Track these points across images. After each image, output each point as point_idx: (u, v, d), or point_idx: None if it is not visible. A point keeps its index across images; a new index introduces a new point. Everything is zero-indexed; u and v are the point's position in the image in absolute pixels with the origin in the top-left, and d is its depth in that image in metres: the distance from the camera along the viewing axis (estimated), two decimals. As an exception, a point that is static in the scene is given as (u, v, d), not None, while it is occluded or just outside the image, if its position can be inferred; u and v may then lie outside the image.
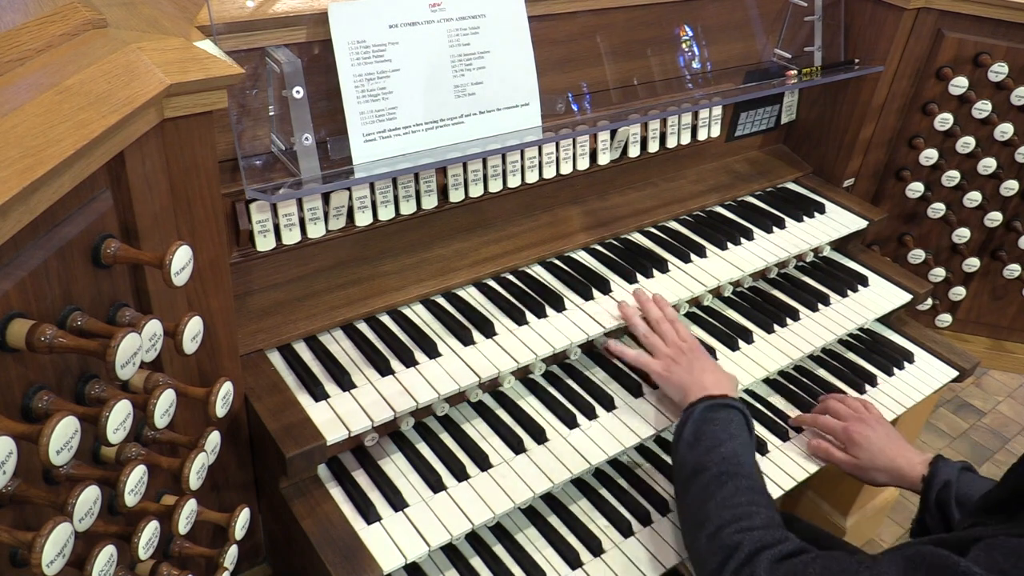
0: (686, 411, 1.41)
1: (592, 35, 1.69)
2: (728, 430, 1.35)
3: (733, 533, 1.19)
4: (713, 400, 1.40)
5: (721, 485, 1.27)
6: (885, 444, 1.54)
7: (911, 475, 1.49)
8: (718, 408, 1.39)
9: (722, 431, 1.35)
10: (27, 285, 0.83)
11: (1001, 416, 3.55)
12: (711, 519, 1.23)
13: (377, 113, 1.37)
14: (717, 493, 1.26)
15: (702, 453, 1.32)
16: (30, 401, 0.86)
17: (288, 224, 1.40)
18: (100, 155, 0.90)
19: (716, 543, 1.19)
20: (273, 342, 1.41)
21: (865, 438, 1.55)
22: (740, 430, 1.37)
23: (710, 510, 1.24)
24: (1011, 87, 2.01)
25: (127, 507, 0.89)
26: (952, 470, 1.44)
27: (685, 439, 1.36)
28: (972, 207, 2.15)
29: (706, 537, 1.22)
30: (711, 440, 1.34)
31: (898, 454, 1.52)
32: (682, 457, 1.35)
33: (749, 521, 1.21)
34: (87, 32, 1.02)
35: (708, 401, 1.40)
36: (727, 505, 1.24)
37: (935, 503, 1.42)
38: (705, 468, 1.30)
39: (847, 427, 1.58)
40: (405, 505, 1.31)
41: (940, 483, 1.43)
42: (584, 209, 1.88)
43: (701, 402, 1.40)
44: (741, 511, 1.22)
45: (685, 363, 1.51)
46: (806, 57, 2.07)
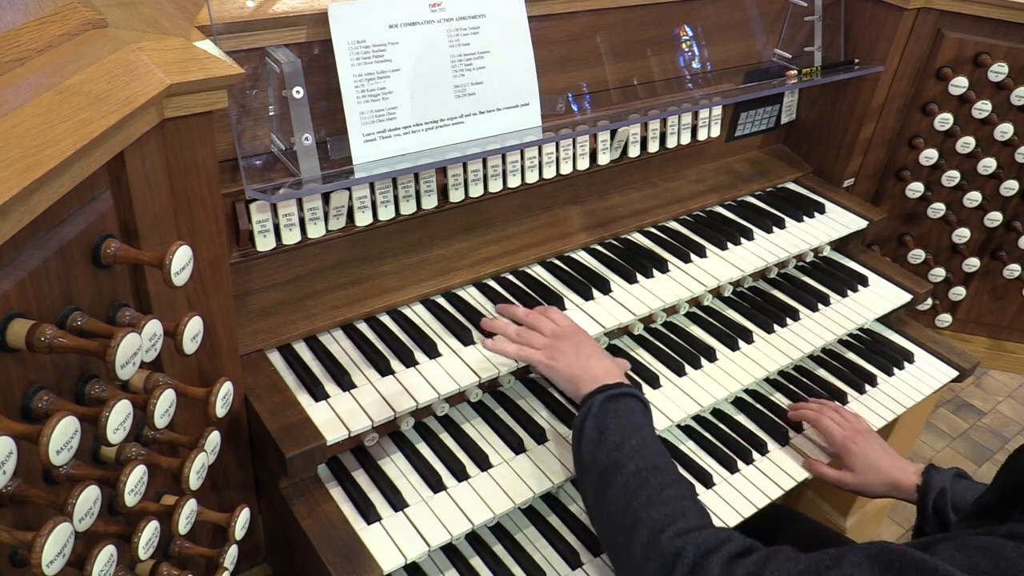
0: (583, 404, 1.32)
1: (592, 35, 1.69)
2: (633, 420, 1.28)
3: (673, 538, 1.10)
4: (609, 390, 1.31)
5: (643, 482, 1.18)
6: (880, 455, 1.53)
7: (906, 485, 1.48)
8: (617, 398, 1.30)
9: (627, 422, 1.27)
10: (27, 285, 0.83)
11: (1001, 416, 3.55)
12: (642, 522, 1.13)
13: (377, 113, 1.37)
14: (640, 492, 1.17)
15: (612, 449, 1.24)
16: (30, 401, 0.86)
17: (288, 224, 1.40)
18: (100, 155, 0.90)
19: (655, 551, 1.10)
20: (273, 342, 1.41)
21: (861, 449, 1.54)
22: (644, 420, 1.30)
23: (637, 511, 1.15)
24: (1011, 87, 2.01)
25: (127, 507, 0.89)
26: (945, 478, 1.44)
27: (588, 436, 1.27)
28: (972, 207, 2.15)
29: (640, 545, 1.12)
30: (618, 434, 1.25)
31: (892, 465, 1.51)
32: (588, 455, 1.26)
33: (685, 522, 1.12)
34: (87, 32, 1.02)
35: (605, 392, 1.31)
36: (655, 504, 1.15)
37: (932, 511, 1.42)
38: (620, 465, 1.21)
39: (845, 436, 1.56)
40: (405, 505, 1.31)
41: (935, 491, 1.42)
42: (584, 209, 1.88)
43: (598, 393, 1.31)
44: (672, 509, 1.14)
45: (569, 348, 1.41)
46: (806, 57, 2.07)
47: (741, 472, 1.56)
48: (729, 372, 1.67)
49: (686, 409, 1.56)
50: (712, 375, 1.66)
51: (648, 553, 1.10)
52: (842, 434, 1.57)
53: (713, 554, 1.06)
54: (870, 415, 1.73)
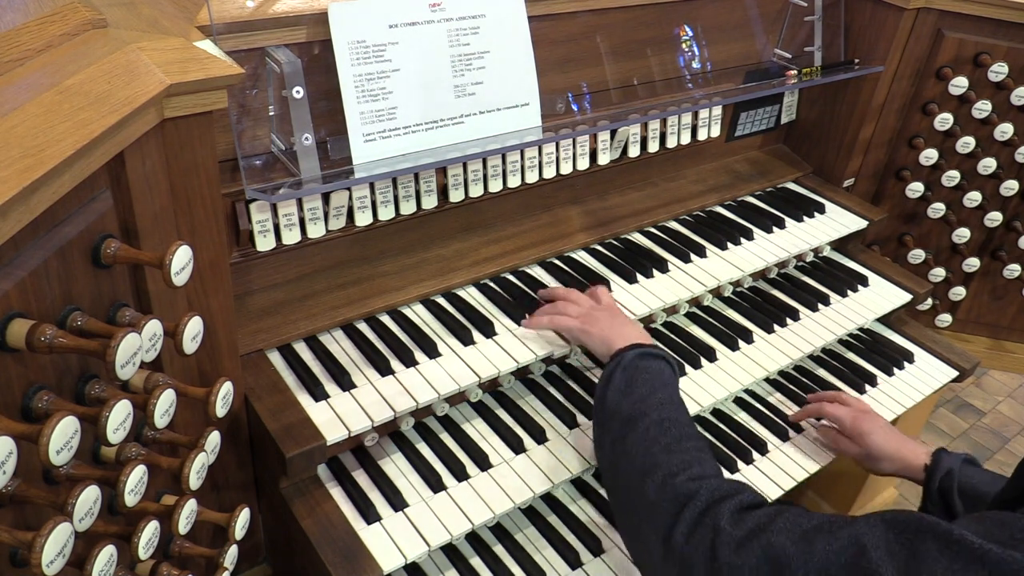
0: (614, 357, 1.33)
1: (592, 35, 1.69)
2: (661, 379, 1.29)
3: (687, 481, 1.10)
4: (643, 348, 1.34)
5: (664, 431, 1.19)
6: (890, 434, 1.55)
7: (915, 464, 1.49)
8: (649, 357, 1.32)
9: (655, 379, 1.28)
10: (27, 285, 0.83)
11: (1001, 416, 3.55)
12: (659, 466, 1.14)
13: (377, 113, 1.37)
14: (661, 438, 1.18)
15: (637, 400, 1.25)
16: (30, 401, 0.86)
17: (288, 224, 1.40)
18: (100, 155, 0.90)
19: (667, 491, 1.10)
20: (273, 342, 1.41)
21: (871, 428, 1.55)
22: (672, 379, 1.32)
23: (656, 455, 1.16)
24: (1011, 87, 2.01)
25: (127, 507, 0.89)
26: (954, 460, 1.44)
27: (615, 385, 1.28)
28: (972, 207, 2.15)
29: (655, 485, 1.12)
30: (645, 387, 1.26)
31: (902, 444, 1.53)
32: (613, 404, 1.27)
33: (701, 468, 1.13)
34: (87, 32, 1.02)
35: (639, 349, 1.33)
36: (673, 450, 1.16)
37: (937, 492, 1.43)
38: (644, 414, 1.22)
39: (855, 417, 1.58)
40: (405, 505, 1.31)
41: (943, 471, 1.43)
42: (584, 209, 1.88)
43: (631, 349, 1.33)
44: (690, 457, 1.15)
45: (603, 315, 1.45)
46: (806, 57, 2.07)
47: (741, 472, 1.56)
48: (729, 372, 1.67)
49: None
50: (712, 375, 1.66)
51: (662, 493, 1.11)
52: (851, 415, 1.59)
53: (725, 501, 1.06)
54: (870, 415, 1.73)
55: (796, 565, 0.94)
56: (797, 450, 1.63)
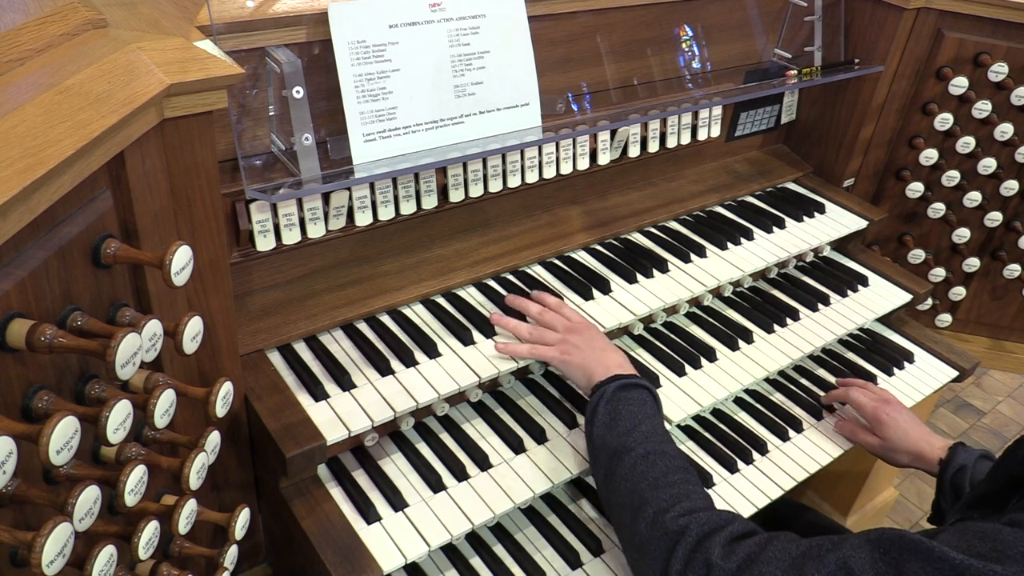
0: (596, 391, 1.36)
1: (592, 35, 1.69)
2: (644, 409, 1.31)
3: (677, 517, 1.12)
4: (623, 379, 1.36)
5: (651, 465, 1.21)
6: (909, 427, 1.57)
7: (931, 457, 1.51)
8: (630, 388, 1.35)
9: (638, 410, 1.31)
10: (27, 285, 0.83)
11: (1001, 416, 3.55)
12: (648, 502, 1.17)
13: (377, 113, 1.37)
14: (648, 473, 1.20)
15: (622, 433, 1.27)
16: (30, 401, 0.86)
17: (288, 224, 1.40)
18: (100, 155, 0.90)
19: (658, 528, 1.13)
20: (273, 342, 1.41)
21: (892, 419, 1.57)
22: (654, 410, 1.34)
23: (644, 492, 1.18)
24: (1011, 87, 2.01)
25: (127, 507, 0.89)
26: (970, 456, 1.46)
27: (600, 420, 1.31)
28: (972, 207, 2.15)
29: (646, 523, 1.15)
30: (629, 420, 1.29)
31: (920, 437, 1.55)
32: (599, 439, 1.30)
33: (690, 502, 1.15)
34: (87, 32, 1.02)
35: (619, 380, 1.35)
36: (661, 485, 1.18)
37: (950, 485, 1.44)
38: (629, 448, 1.24)
39: (876, 407, 1.60)
40: (405, 505, 1.31)
41: (956, 467, 1.44)
42: (584, 209, 1.88)
43: (611, 381, 1.35)
44: (678, 491, 1.17)
45: (582, 342, 1.45)
46: (806, 57, 2.07)
47: (741, 472, 1.56)
48: (729, 372, 1.67)
49: (686, 409, 1.56)
50: (712, 375, 1.65)
51: (652, 531, 1.13)
52: (872, 406, 1.61)
53: (715, 534, 1.08)
54: (870, 415, 1.73)
55: None
56: (797, 450, 1.63)
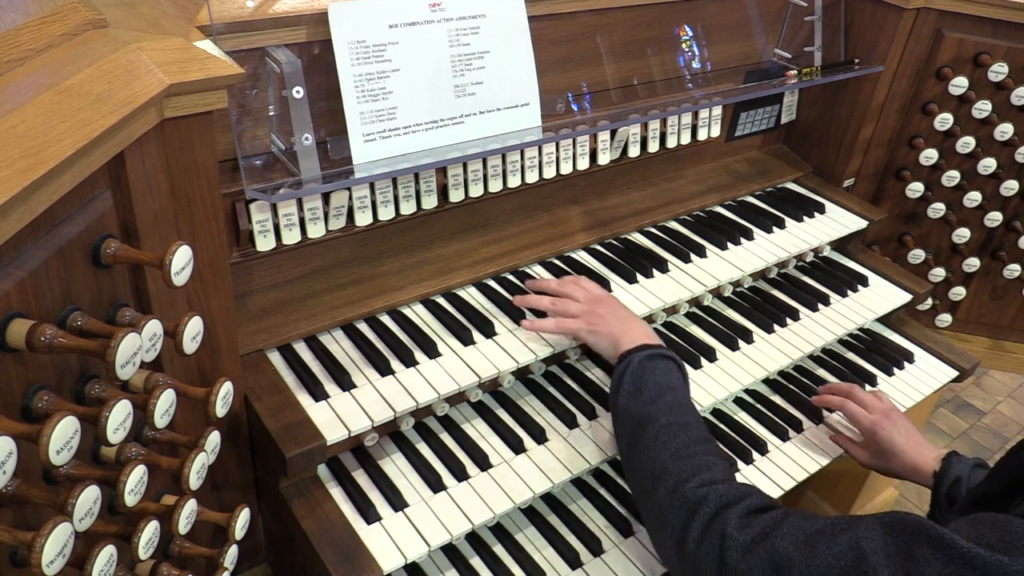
0: (622, 360, 1.36)
1: (592, 35, 1.69)
2: (669, 380, 1.32)
3: (696, 487, 1.14)
4: (650, 349, 1.36)
5: (673, 435, 1.22)
6: (904, 440, 1.55)
7: (925, 470, 1.50)
8: (656, 358, 1.35)
9: (663, 380, 1.31)
10: (27, 285, 0.83)
11: (1001, 416, 3.55)
12: (669, 472, 1.18)
13: (377, 113, 1.37)
14: (670, 443, 1.21)
15: (647, 403, 1.28)
16: (30, 401, 0.86)
17: (288, 224, 1.40)
18: (100, 155, 0.90)
19: (678, 498, 1.14)
20: (273, 342, 1.41)
21: (888, 434, 1.55)
22: (680, 382, 1.34)
23: (666, 462, 1.19)
24: (1011, 87, 2.01)
25: (127, 507, 0.89)
26: (964, 467, 1.44)
27: (625, 389, 1.31)
28: (972, 207, 2.15)
29: (665, 491, 1.16)
30: (654, 390, 1.29)
31: (915, 450, 1.53)
32: (624, 407, 1.31)
33: (710, 474, 1.16)
34: (87, 32, 1.02)
35: (646, 350, 1.36)
36: (682, 456, 1.19)
37: (945, 498, 1.43)
38: (653, 418, 1.25)
39: (873, 421, 1.58)
40: (405, 505, 1.31)
41: (951, 479, 1.43)
42: (584, 209, 1.88)
43: (639, 351, 1.36)
44: (699, 462, 1.18)
45: (607, 312, 1.46)
46: (806, 57, 2.07)
47: (741, 472, 1.56)
48: (729, 372, 1.67)
49: (686, 409, 1.56)
50: (712, 375, 1.65)
51: (672, 500, 1.15)
52: (869, 419, 1.59)
53: (733, 506, 1.10)
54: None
55: (798, 569, 0.98)
56: (797, 450, 1.63)
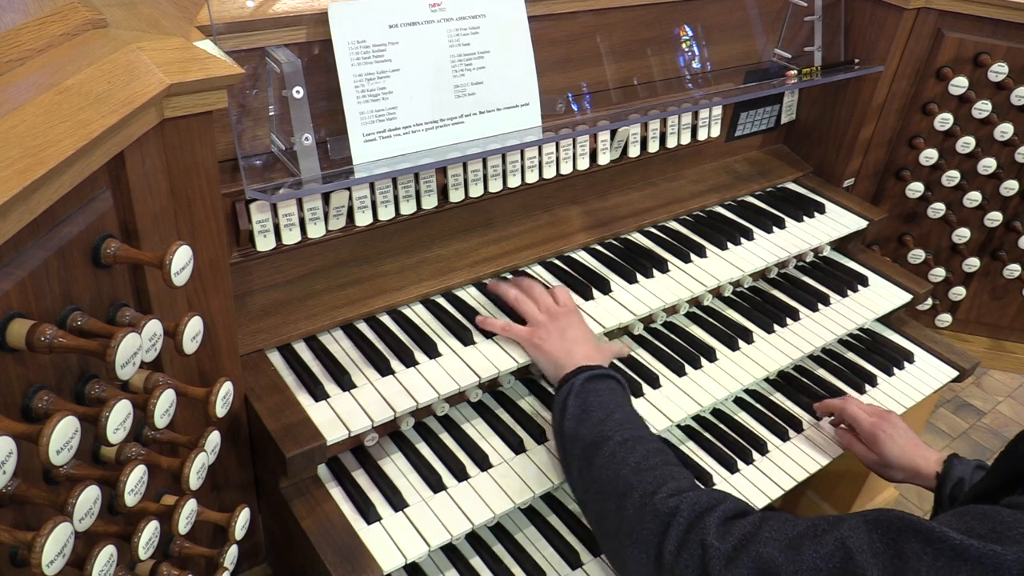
0: (564, 383, 1.34)
1: (592, 35, 1.69)
2: (615, 398, 1.30)
3: (666, 498, 1.10)
4: (591, 371, 1.34)
5: (630, 450, 1.20)
6: (905, 443, 1.55)
7: (927, 473, 1.50)
8: (598, 379, 1.33)
9: (609, 400, 1.29)
10: (27, 285, 0.83)
11: (1001, 416, 3.55)
12: (633, 487, 1.14)
13: (377, 113, 1.37)
14: (629, 458, 1.18)
15: (596, 424, 1.26)
16: (30, 401, 0.86)
17: (288, 224, 1.40)
18: (100, 155, 0.90)
19: (648, 511, 1.10)
20: (273, 342, 1.41)
21: (888, 436, 1.55)
22: (624, 399, 1.33)
23: (628, 477, 1.16)
24: (1011, 87, 2.01)
25: (127, 507, 0.89)
26: (966, 468, 1.45)
27: (571, 413, 1.29)
28: (972, 207, 2.15)
29: (633, 507, 1.13)
30: (601, 410, 1.27)
31: (916, 453, 1.53)
32: (571, 432, 1.28)
33: (676, 483, 1.13)
34: (87, 32, 1.02)
35: (587, 372, 1.34)
36: (644, 468, 1.17)
37: (948, 500, 1.43)
38: (606, 437, 1.23)
39: (873, 423, 1.58)
40: (405, 505, 1.31)
41: (954, 480, 1.43)
42: (584, 209, 1.88)
43: (579, 373, 1.34)
44: (662, 473, 1.16)
45: (556, 329, 1.43)
46: (806, 57, 2.07)
47: (741, 472, 1.56)
48: (729, 372, 1.67)
49: (686, 409, 1.56)
50: (712, 375, 1.65)
51: (642, 514, 1.11)
52: (869, 421, 1.59)
53: (708, 514, 1.07)
54: (870, 415, 1.73)
55: (785, 574, 0.96)
56: (797, 450, 1.63)
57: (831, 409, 1.68)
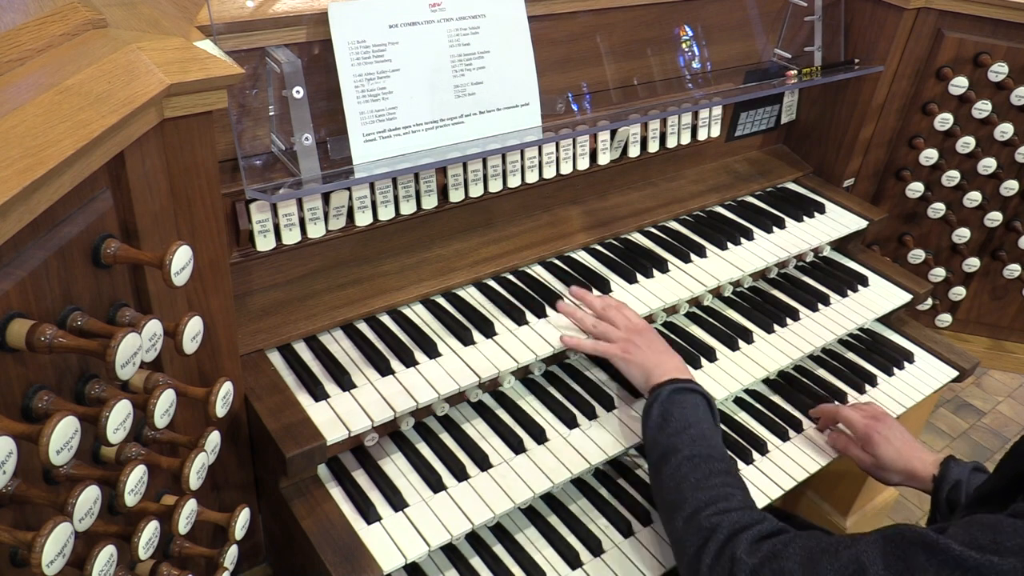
0: (652, 393, 1.41)
1: (592, 35, 1.69)
2: (696, 413, 1.37)
3: (711, 515, 1.19)
4: (679, 383, 1.41)
5: (694, 467, 1.27)
6: (900, 445, 1.55)
7: (923, 475, 1.50)
8: (684, 392, 1.40)
9: (690, 413, 1.36)
10: (27, 285, 0.83)
11: (1001, 416, 3.55)
12: (687, 501, 1.23)
13: (377, 113, 1.37)
14: (691, 475, 1.26)
15: (671, 435, 1.33)
16: (30, 401, 0.86)
17: (288, 224, 1.40)
18: (100, 155, 0.90)
19: (693, 526, 1.20)
20: (273, 342, 1.41)
21: (883, 438, 1.55)
22: (706, 414, 1.38)
23: (685, 492, 1.25)
24: (1011, 87, 2.01)
25: (127, 507, 0.89)
26: (963, 470, 1.44)
27: (653, 421, 1.37)
28: (972, 207, 2.15)
29: (683, 520, 1.22)
30: (679, 422, 1.34)
31: (912, 455, 1.53)
32: (652, 439, 1.36)
33: (726, 503, 1.21)
34: (87, 32, 1.02)
35: (675, 384, 1.41)
36: (702, 487, 1.24)
37: (945, 503, 1.42)
38: (676, 450, 1.30)
39: (867, 425, 1.58)
40: (405, 505, 1.31)
41: (950, 483, 1.43)
42: (584, 209, 1.88)
43: (668, 384, 1.41)
44: (716, 493, 1.23)
45: (643, 343, 1.51)
46: (806, 57, 2.07)
47: (741, 472, 1.55)
48: (729, 372, 1.67)
49: (686, 409, 1.56)
50: (712, 375, 1.65)
51: (688, 528, 1.21)
52: (864, 423, 1.59)
53: (744, 531, 1.14)
54: (870, 415, 1.73)
55: None
56: (797, 450, 1.63)
57: (824, 414, 1.67)
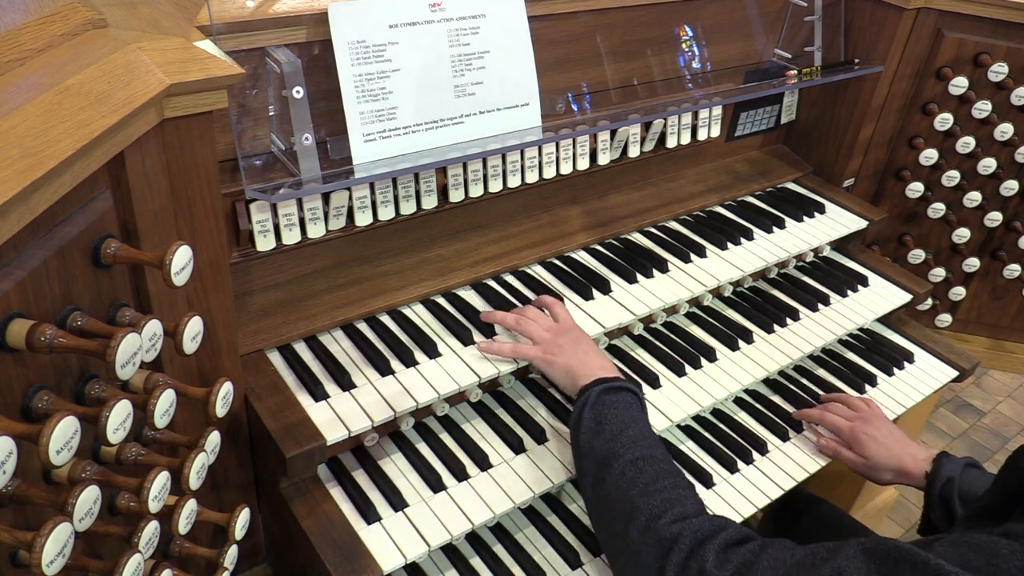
0: (580, 396, 1.34)
1: (592, 35, 1.69)
2: (630, 413, 1.30)
3: (669, 524, 1.11)
4: (607, 383, 1.34)
5: (640, 471, 1.20)
6: (890, 443, 1.54)
7: (915, 472, 1.49)
8: (614, 391, 1.32)
9: (624, 413, 1.29)
10: (27, 285, 0.83)
11: (1001, 416, 3.55)
12: (639, 510, 1.14)
13: (377, 113, 1.37)
14: (638, 479, 1.19)
15: (609, 439, 1.25)
16: (30, 401, 0.86)
17: (288, 224, 1.40)
18: (100, 155, 0.90)
19: (651, 536, 1.11)
20: (273, 342, 1.41)
21: (871, 438, 1.55)
22: (640, 413, 1.32)
23: (635, 499, 1.16)
24: (1011, 87, 2.01)
25: (127, 507, 0.89)
26: (956, 466, 1.44)
27: (586, 426, 1.29)
28: (972, 207, 2.15)
29: (638, 531, 1.13)
30: (615, 424, 1.27)
31: (903, 452, 1.52)
32: (586, 445, 1.28)
33: (682, 508, 1.14)
34: (87, 32, 1.02)
35: (603, 384, 1.33)
36: (651, 491, 1.16)
37: (938, 499, 1.42)
38: (617, 455, 1.22)
39: (852, 427, 1.57)
40: (405, 505, 1.31)
41: (943, 479, 1.42)
42: (584, 209, 1.88)
43: (595, 385, 1.33)
44: (668, 496, 1.15)
45: (567, 343, 1.43)
46: (806, 57, 2.07)
47: (741, 472, 1.56)
48: (729, 372, 1.67)
49: (686, 409, 1.56)
50: (712, 375, 1.65)
51: (645, 538, 1.12)
52: (848, 426, 1.58)
53: (709, 541, 1.07)
54: (870, 415, 1.73)
55: None
56: (797, 450, 1.63)
57: (808, 419, 1.67)
